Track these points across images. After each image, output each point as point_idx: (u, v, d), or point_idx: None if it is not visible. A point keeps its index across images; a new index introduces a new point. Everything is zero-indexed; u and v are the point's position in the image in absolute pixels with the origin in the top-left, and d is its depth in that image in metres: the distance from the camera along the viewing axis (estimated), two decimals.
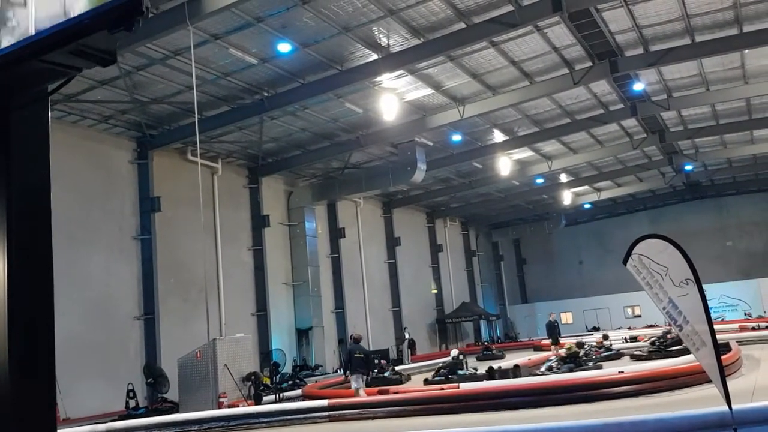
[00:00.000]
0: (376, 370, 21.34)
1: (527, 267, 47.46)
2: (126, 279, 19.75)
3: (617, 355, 21.96)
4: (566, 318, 41.59)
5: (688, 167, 33.70)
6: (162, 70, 16.93)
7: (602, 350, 21.81)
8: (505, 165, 27.55)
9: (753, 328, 25.80)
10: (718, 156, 32.30)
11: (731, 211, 40.70)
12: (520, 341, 36.72)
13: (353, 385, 15.65)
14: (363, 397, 15.04)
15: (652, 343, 20.47)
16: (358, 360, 15.64)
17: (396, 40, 16.79)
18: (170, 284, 20.54)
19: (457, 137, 25.13)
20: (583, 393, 12.45)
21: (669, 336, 20.00)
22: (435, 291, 36.97)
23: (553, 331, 24.55)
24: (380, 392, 15.63)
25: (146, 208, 20.33)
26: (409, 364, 26.50)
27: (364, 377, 15.65)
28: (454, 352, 21.19)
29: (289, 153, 24.72)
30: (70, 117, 18.60)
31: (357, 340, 16.87)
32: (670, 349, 19.09)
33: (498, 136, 25.86)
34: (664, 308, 6.82)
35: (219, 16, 14.22)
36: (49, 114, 3.61)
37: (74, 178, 18.53)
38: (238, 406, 15.40)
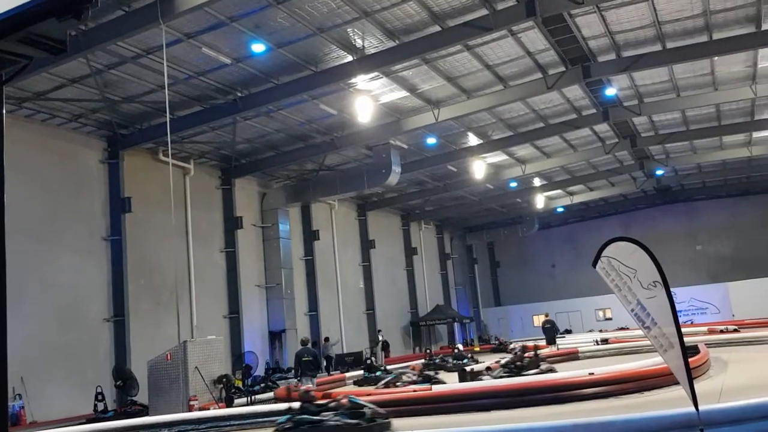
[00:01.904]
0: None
1: (501, 270, 47.78)
2: (95, 280, 19.42)
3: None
4: (539, 321, 41.85)
5: (659, 172, 34.30)
6: (134, 68, 16.70)
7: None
8: (479, 168, 27.68)
9: (721, 331, 26.17)
10: (688, 161, 32.83)
11: (701, 216, 41.39)
12: (493, 344, 36.83)
13: (303, 388, 15.76)
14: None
15: (505, 366, 17.42)
16: (306, 363, 15.76)
17: (371, 41, 16.78)
18: (141, 286, 20.27)
19: (431, 140, 25.20)
20: (554, 394, 12.53)
21: (525, 356, 17.94)
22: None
23: (548, 331, 25.09)
24: (324, 396, 15.70)
25: (117, 208, 20.00)
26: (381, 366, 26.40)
27: (313, 379, 15.80)
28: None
29: (262, 154, 24.56)
30: (39, 115, 18.27)
31: (304, 343, 17.03)
32: (525, 373, 16.65)
33: (472, 140, 25.99)
34: (632, 310, 6.89)
35: (192, 15, 14.05)
36: (4, 103, 3.52)
37: (43, 177, 18.25)
38: (209, 409, 15.23)
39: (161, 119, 18.28)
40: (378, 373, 19.56)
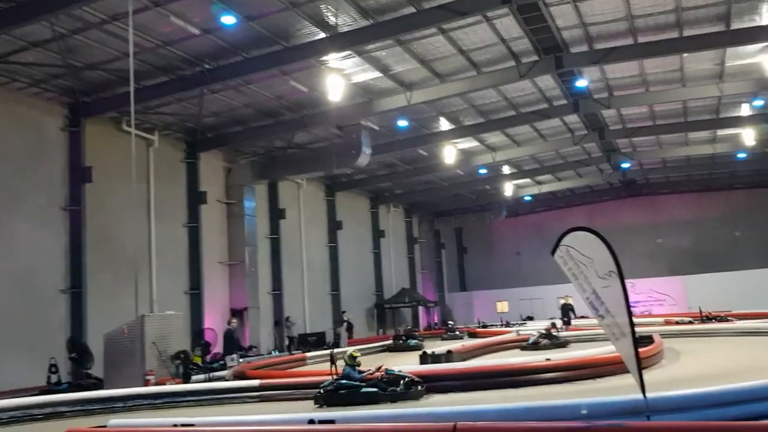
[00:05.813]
0: None
1: (467, 256, 48.04)
2: (52, 250, 18.99)
3: None
4: (502, 307, 42.29)
5: (625, 165, 34.69)
6: (98, 35, 16.23)
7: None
8: (449, 154, 27.70)
9: (677, 323, 26.71)
10: (654, 156, 33.38)
11: (663, 210, 42.09)
12: (458, 327, 37.09)
13: (230, 364, 16.06)
14: None
15: None
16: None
17: (344, 19, 16.56)
18: (100, 258, 19.89)
19: (403, 123, 25.03)
20: (510, 378, 12.67)
21: None
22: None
23: (566, 312, 26.14)
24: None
25: (77, 178, 19.53)
26: (344, 347, 26.45)
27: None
28: None
29: (230, 129, 24.18)
30: None
31: (230, 323, 17.27)
32: None
33: (444, 125, 25.96)
34: (587, 299, 6.95)
35: None
36: None
37: None
38: (165, 384, 15.09)
39: (125, 88, 17.79)
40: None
